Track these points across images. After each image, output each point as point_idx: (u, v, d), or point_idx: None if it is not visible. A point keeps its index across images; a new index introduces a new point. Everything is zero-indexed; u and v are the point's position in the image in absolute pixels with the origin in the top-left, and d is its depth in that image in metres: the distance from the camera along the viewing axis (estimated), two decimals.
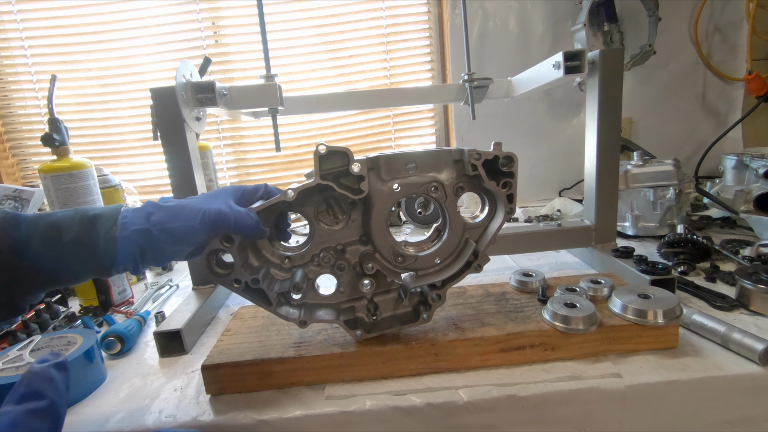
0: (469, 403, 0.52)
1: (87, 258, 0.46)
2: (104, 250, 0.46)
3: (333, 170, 0.53)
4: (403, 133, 1.66)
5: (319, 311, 0.57)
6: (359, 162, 0.52)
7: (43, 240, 0.45)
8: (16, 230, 0.45)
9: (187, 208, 0.50)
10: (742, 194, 1.01)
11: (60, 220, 0.46)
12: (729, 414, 0.54)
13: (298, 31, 1.53)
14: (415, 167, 0.55)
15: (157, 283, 0.99)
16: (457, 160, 0.57)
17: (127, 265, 0.48)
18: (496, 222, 0.58)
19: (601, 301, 0.63)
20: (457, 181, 0.57)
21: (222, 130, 1.60)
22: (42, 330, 0.76)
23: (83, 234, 0.46)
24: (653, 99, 1.53)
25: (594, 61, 0.80)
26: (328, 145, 0.52)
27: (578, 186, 1.50)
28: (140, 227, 0.47)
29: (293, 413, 0.52)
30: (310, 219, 0.56)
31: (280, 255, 0.57)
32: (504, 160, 0.55)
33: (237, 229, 0.51)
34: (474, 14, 1.46)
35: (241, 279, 0.52)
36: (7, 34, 1.47)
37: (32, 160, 1.59)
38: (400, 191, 0.55)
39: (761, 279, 0.65)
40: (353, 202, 0.56)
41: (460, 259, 0.58)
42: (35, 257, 0.45)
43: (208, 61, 0.97)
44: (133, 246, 0.47)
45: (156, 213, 0.49)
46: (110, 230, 0.46)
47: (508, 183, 0.55)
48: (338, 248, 0.57)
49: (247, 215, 0.51)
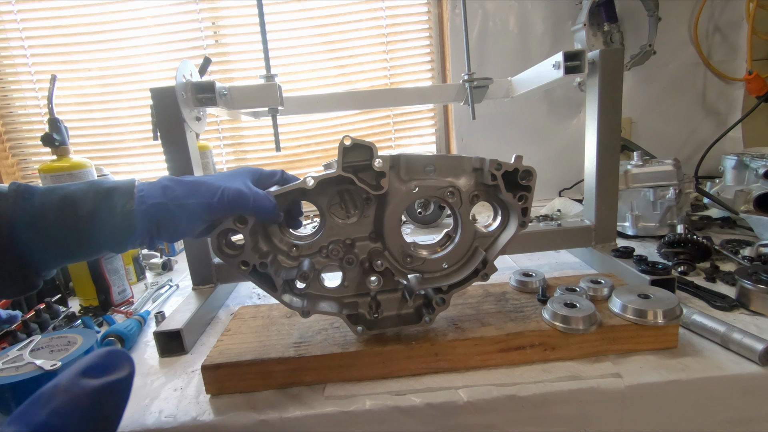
0: (469, 403, 0.52)
1: (103, 232, 0.45)
2: (121, 224, 0.45)
3: (355, 163, 0.53)
4: (403, 133, 1.66)
5: (322, 303, 0.57)
6: (382, 158, 0.52)
7: (57, 213, 0.44)
8: (29, 203, 0.43)
9: (206, 185, 0.49)
10: (742, 194, 1.01)
11: (74, 193, 0.45)
12: (729, 414, 0.54)
13: (298, 31, 1.53)
14: (434, 170, 0.56)
15: (157, 283, 0.99)
16: (477, 168, 0.57)
17: (144, 240, 0.47)
18: (507, 233, 0.58)
19: (601, 301, 0.63)
20: (474, 188, 0.57)
21: (222, 130, 1.60)
22: (42, 330, 0.76)
23: (99, 207, 0.45)
24: (653, 99, 1.53)
25: (594, 61, 0.80)
26: (354, 138, 0.52)
27: (578, 186, 1.50)
28: (158, 201, 0.47)
29: (293, 413, 0.51)
30: (322, 210, 0.57)
31: (289, 243, 0.57)
32: (523, 173, 0.55)
33: (255, 211, 0.50)
34: (474, 14, 1.46)
35: (249, 261, 0.52)
36: (7, 34, 1.48)
37: (32, 160, 1.59)
38: (417, 192, 0.55)
39: (761, 279, 0.65)
40: (368, 198, 0.56)
41: (468, 267, 0.58)
42: (50, 231, 0.43)
43: (208, 61, 0.97)
44: (150, 220, 0.46)
45: (173, 187, 0.48)
46: (127, 203, 0.45)
47: (525, 196, 0.56)
48: (347, 242, 0.57)
49: (266, 197, 0.51)
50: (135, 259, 1.05)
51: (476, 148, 1.57)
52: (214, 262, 0.83)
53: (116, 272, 0.88)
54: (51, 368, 0.54)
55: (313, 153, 1.64)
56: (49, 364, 0.54)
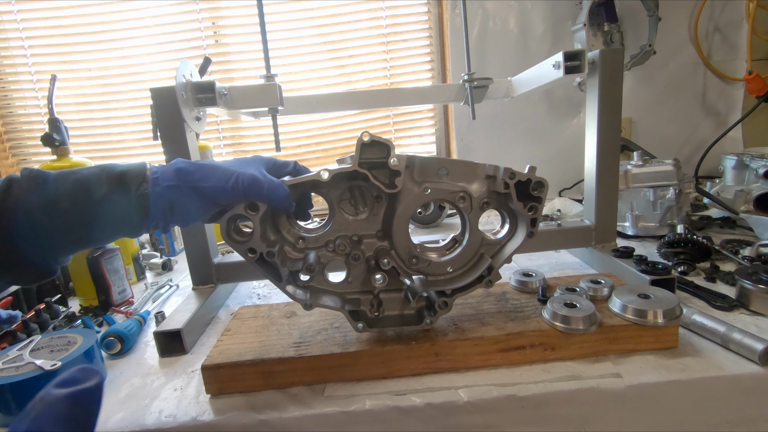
0: (469, 403, 0.52)
1: (118, 215, 0.45)
2: (136, 207, 0.45)
3: (371, 160, 0.53)
4: (403, 133, 1.66)
5: (325, 297, 0.57)
6: (398, 157, 0.52)
7: (71, 198, 0.43)
8: (44, 188, 0.43)
9: (221, 169, 0.49)
10: (742, 194, 1.01)
11: (87, 177, 0.45)
12: (729, 414, 0.54)
13: (298, 31, 1.53)
14: (447, 174, 0.56)
15: (157, 283, 0.99)
16: (490, 176, 0.57)
17: (158, 223, 0.47)
18: (515, 242, 0.59)
19: (601, 301, 0.63)
20: (485, 195, 0.57)
21: (222, 130, 1.60)
22: (42, 330, 0.76)
23: (113, 191, 0.45)
24: (653, 99, 1.53)
25: (594, 61, 0.80)
26: (372, 135, 0.52)
27: (578, 186, 1.50)
28: (172, 183, 0.47)
29: (293, 413, 0.52)
30: (332, 204, 0.57)
31: (296, 234, 0.57)
32: (535, 184, 0.55)
33: (268, 198, 0.50)
34: (474, 14, 1.46)
35: (256, 249, 0.52)
36: (7, 34, 1.48)
37: (32, 160, 1.59)
38: (429, 194, 0.56)
39: (761, 279, 0.65)
40: (378, 196, 0.57)
41: (473, 272, 0.58)
42: (65, 216, 0.43)
43: (208, 61, 0.97)
44: (165, 202, 0.46)
45: (188, 169, 0.48)
46: (141, 186, 0.46)
47: (535, 207, 0.56)
48: (354, 238, 0.58)
49: (280, 186, 0.51)
50: (135, 259, 1.05)
51: (476, 148, 1.57)
52: (215, 262, 0.83)
53: (116, 272, 0.88)
54: (51, 368, 0.54)
55: (313, 153, 1.64)
56: (49, 364, 0.54)
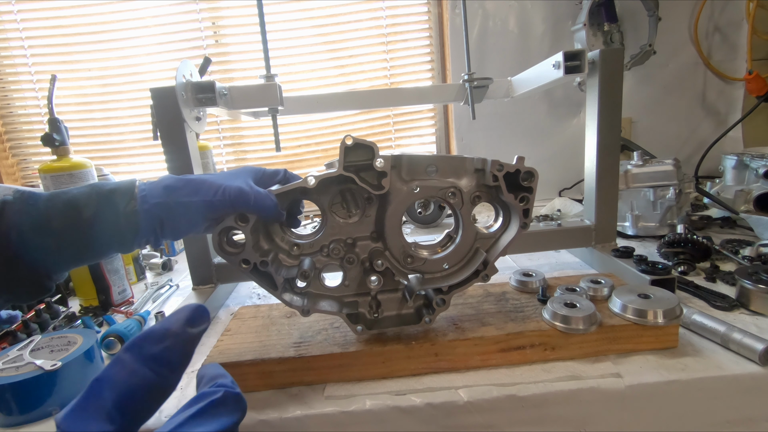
0: (469, 403, 0.52)
1: (108, 233, 0.46)
2: (125, 225, 0.46)
3: (356, 163, 0.53)
4: (403, 133, 1.66)
5: (323, 302, 0.57)
6: (383, 158, 0.52)
7: (62, 218, 0.44)
8: (35, 209, 0.44)
9: (207, 183, 0.50)
10: (742, 194, 1.01)
11: (77, 197, 0.46)
12: (729, 414, 0.54)
13: (298, 31, 1.53)
14: (436, 171, 0.56)
15: (157, 283, 0.99)
16: (479, 169, 0.57)
17: (149, 239, 0.48)
18: (508, 234, 0.58)
19: (601, 301, 0.63)
20: (475, 189, 0.57)
21: (222, 130, 1.60)
22: (42, 330, 0.76)
23: (102, 209, 0.45)
24: (653, 99, 1.53)
25: (594, 61, 0.80)
26: (355, 138, 0.52)
27: (578, 186, 1.50)
28: (160, 200, 0.47)
29: (293, 413, 0.51)
30: (324, 209, 0.57)
31: (290, 241, 0.57)
32: (525, 174, 0.55)
33: (256, 209, 0.51)
34: (474, 14, 1.46)
35: (250, 260, 0.52)
36: (7, 34, 1.48)
37: (32, 160, 1.59)
38: (419, 192, 0.55)
39: (761, 279, 0.65)
40: (369, 198, 0.56)
41: (469, 267, 0.58)
42: (57, 235, 0.44)
43: (208, 61, 0.97)
44: (154, 219, 0.47)
45: (175, 186, 0.49)
46: (129, 204, 0.46)
47: (526, 198, 0.55)
48: (348, 242, 0.58)
49: (267, 196, 0.51)
50: (135, 259, 1.05)
51: (476, 147, 1.57)
52: (214, 262, 0.83)
53: (116, 272, 0.88)
54: (51, 368, 0.54)
55: (313, 153, 1.64)
56: (49, 364, 0.54)
